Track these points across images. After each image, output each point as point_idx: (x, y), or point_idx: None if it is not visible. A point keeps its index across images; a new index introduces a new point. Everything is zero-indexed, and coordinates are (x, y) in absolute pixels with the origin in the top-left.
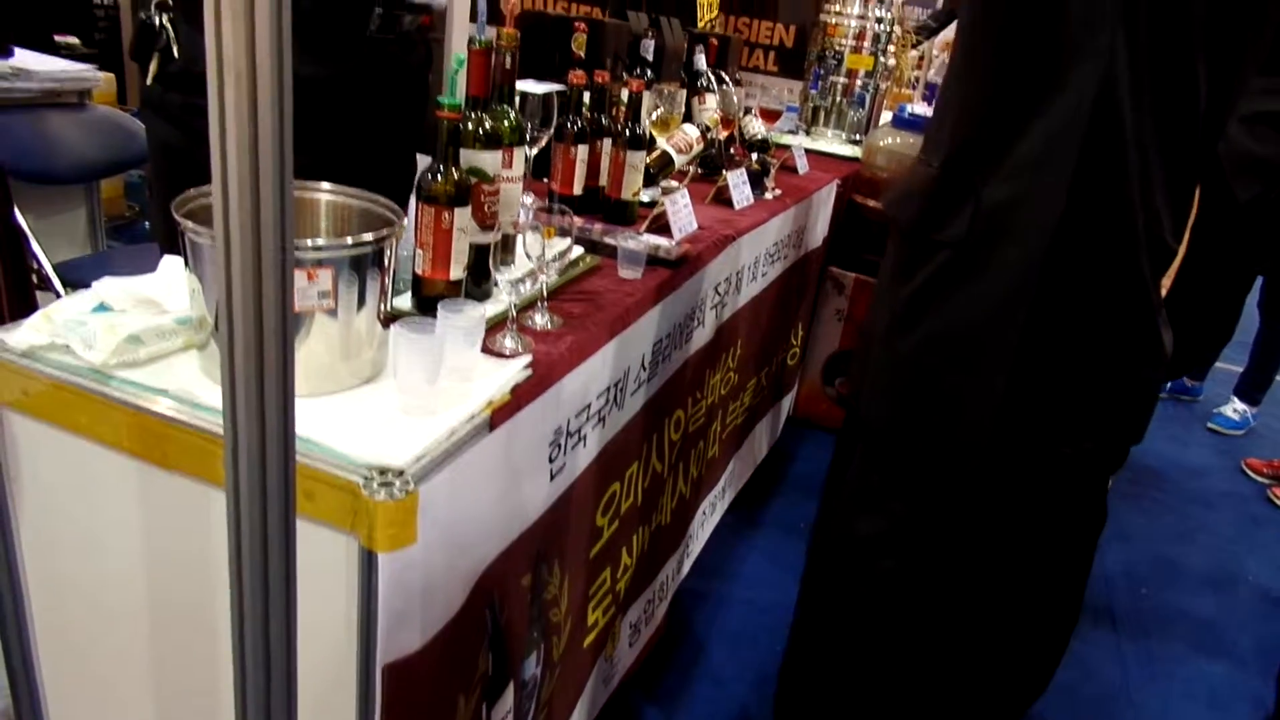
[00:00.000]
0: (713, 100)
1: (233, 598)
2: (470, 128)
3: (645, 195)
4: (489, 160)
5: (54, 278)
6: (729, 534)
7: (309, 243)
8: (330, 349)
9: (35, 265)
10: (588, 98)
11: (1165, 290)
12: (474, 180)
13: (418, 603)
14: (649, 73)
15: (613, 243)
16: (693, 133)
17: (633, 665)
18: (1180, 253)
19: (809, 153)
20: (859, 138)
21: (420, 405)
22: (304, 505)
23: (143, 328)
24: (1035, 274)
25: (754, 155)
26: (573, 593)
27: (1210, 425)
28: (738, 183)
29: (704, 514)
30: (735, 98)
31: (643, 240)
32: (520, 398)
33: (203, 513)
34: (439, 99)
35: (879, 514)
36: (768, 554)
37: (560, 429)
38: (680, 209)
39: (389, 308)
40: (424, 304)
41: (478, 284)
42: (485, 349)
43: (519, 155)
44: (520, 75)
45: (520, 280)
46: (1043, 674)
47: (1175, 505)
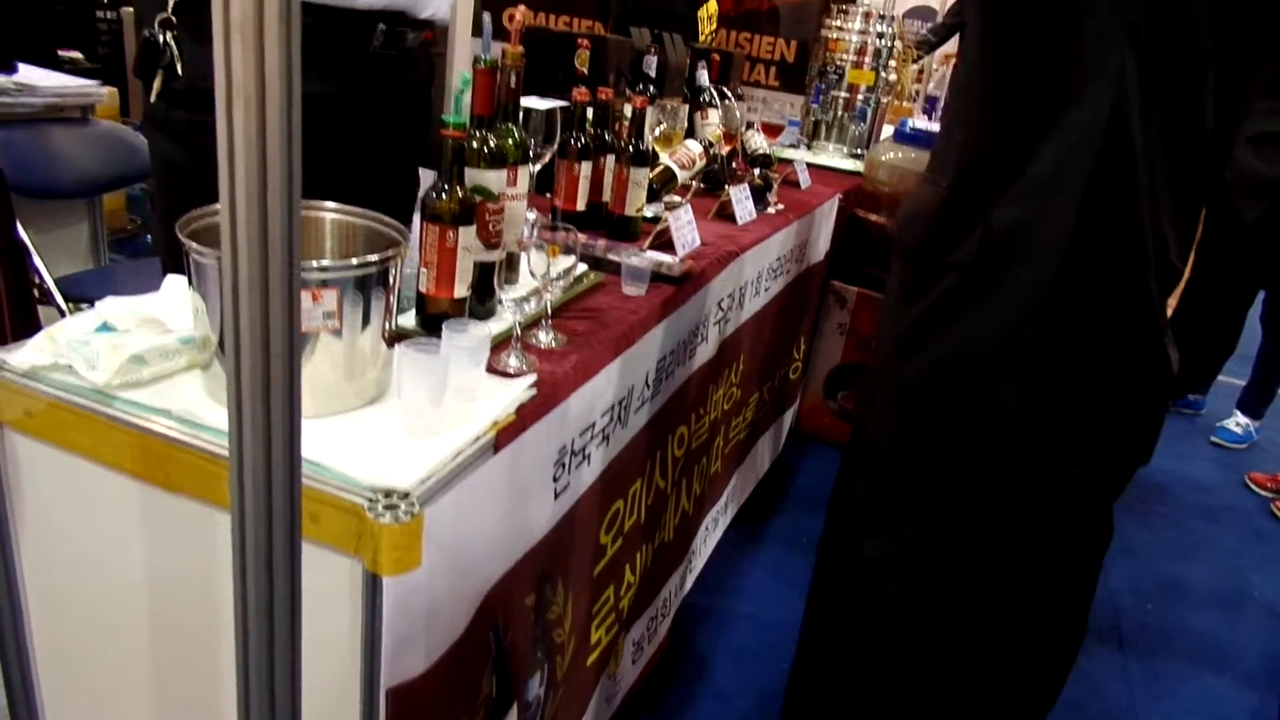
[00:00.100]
0: (715, 115)
1: (237, 622)
2: (475, 146)
3: (648, 211)
4: (494, 179)
5: (55, 292)
6: (732, 549)
7: (314, 264)
8: (335, 369)
9: (37, 279)
10: (591, 114)
11: (1171, 310)
12: (479, 199)
13: (422, 626)
14: (651, 88)
15: (616, 259)
16: (695, 148)
17: (636, 682)
18: (1185, 271)
19: (810, 167)
20: (860, 152)
21: (425, 426)
22: (308, 528)
23: (146, 348)
24: (1046, 296)
25: (756, 170)
26: (576, 611)
27: (1213, 439)
28: (740, 198)
29: (706, 530)
30: (738, 113)
31: (646, 257)
32: (525, 417)
33: (205, 534)
34: (444, 118)
35: (885, 536)
36: (771, 569)
37: (565, 448)
38: (684, 225)
39: (394, 326)
40: (428, 322)
41: (482, 302)
42: (490, 368)
43: (523, 173)
44: (524, 91)
45: (525, 299)
46: (1049, 692)
47: (1179, 520)
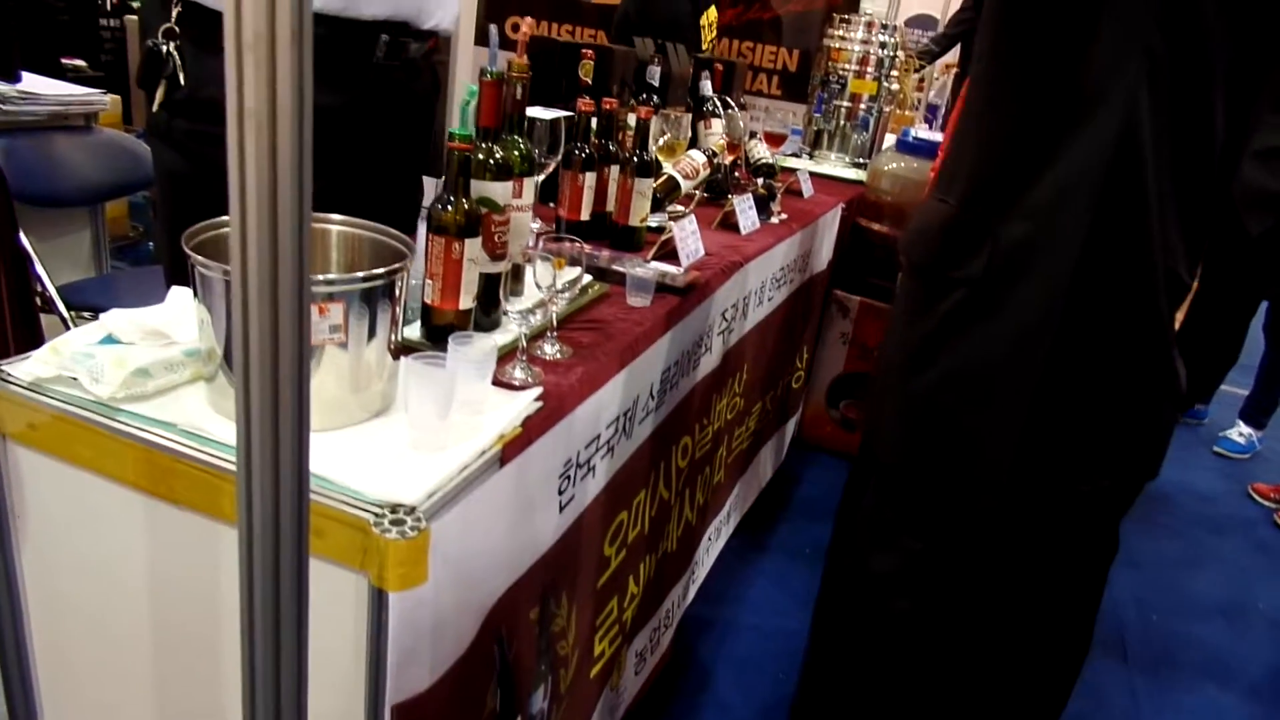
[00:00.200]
0: (719, 125)
1: (243, 637)
2: (481, 158)
3: (652, 221)
4: (499, 191)
5: (58, 300)
6: (734, 559)
7: (320, 277)
8: (340, 383)
9: (39, 287)
10: (595, 124)
11: (1178, 323)
12: (484, 210)
13: (427, 641)
14: (655, 98)
15: (621, 270)
16: (699, 158)
17: (638, 694)
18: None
19: (813, 176)
20: (863, 161)
21: (431, 440)
22: (314, 543)
23: (151, 360)
24: (1055, 312)
25: (760, 180)
26: (580, 624)
27: (1216, 449)
28: (744, 208)
29: (709, 540)
30: (741, 122)
31: (651, 268)
32: (531, 431)
33: (209, 547)
34: (451, 130)
35: (893, 550)
36: (773, 579)
37: (570, 460)
38: (688, 235)
39: (399, 339)
40: (433, 333)
41: (487, 313)
42: (495, 380)
43: (529, 185)
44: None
45: (530, 310)
46: (1055, 706)
47: (1183, 530)
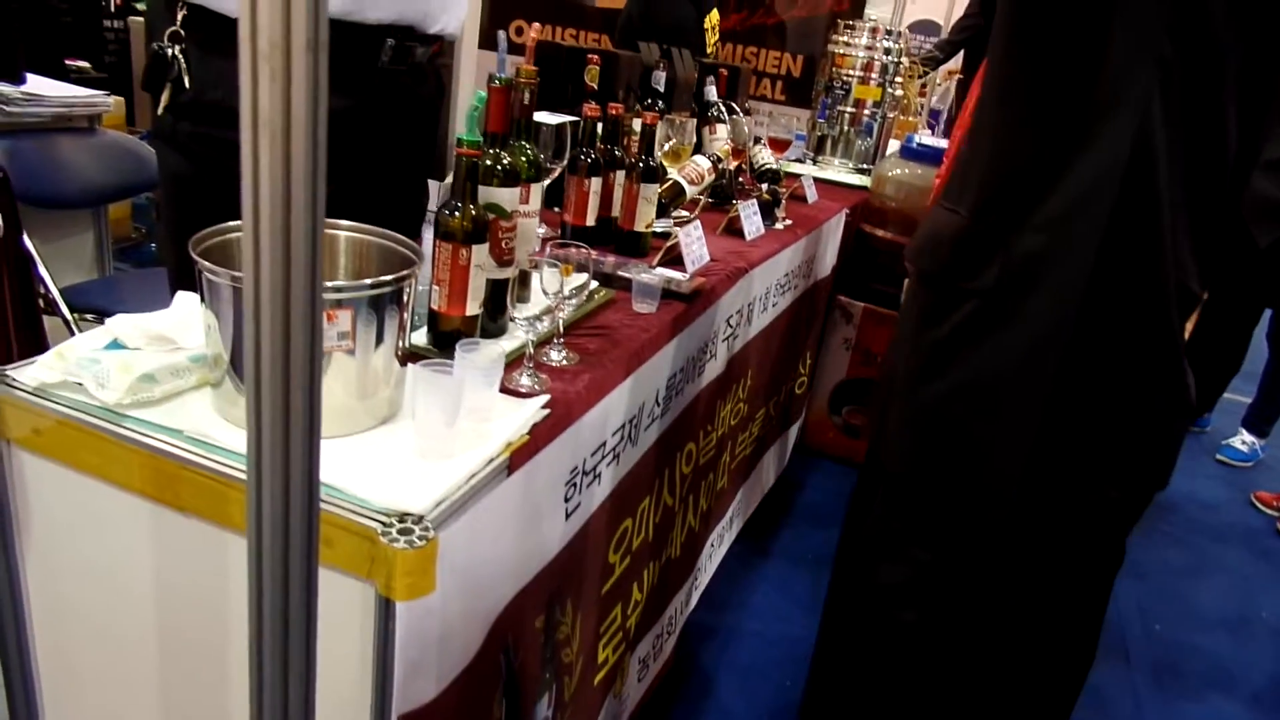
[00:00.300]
0: (723, 130)
1: (251, 647)
2: (489, 164)
3: (658, 226)
4: (507, 197)
5: (60, 302)
6: (737, 565)
7: (329, 284)
8: (348, 390)
9: (42, 289)
10: (601, 129)
11: (1187, 334)
12: (491, 216)
13: (434, 651)
14: (660, 103)
15: (627, 276)
16: (704, 164)
17: (641, 701)
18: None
19: (816, 181)
20: (866, 166)
21: (438, 448)
22: (321, 552)
23: (157, 366)
24: (1067, 324)
25: (764, 185)
26: (584, 631)
27: (1219, 457)
28: (749, 214)
29: (712, 546)
30: (746, 128)
31: (657, 274)
32: (538, 438)
33: (216, 556)
34: (459, 136)
35: (901, 561)
36: (776, 585)
37: (577, 468)
38: (693, 241)
39: (407, 344)
40: (440, 339)
41: (493, 319)
42: (502, 387)
43: (536, 190)
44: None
45: (537, 317)
46: (1059, 715)
47: (1186, 538)
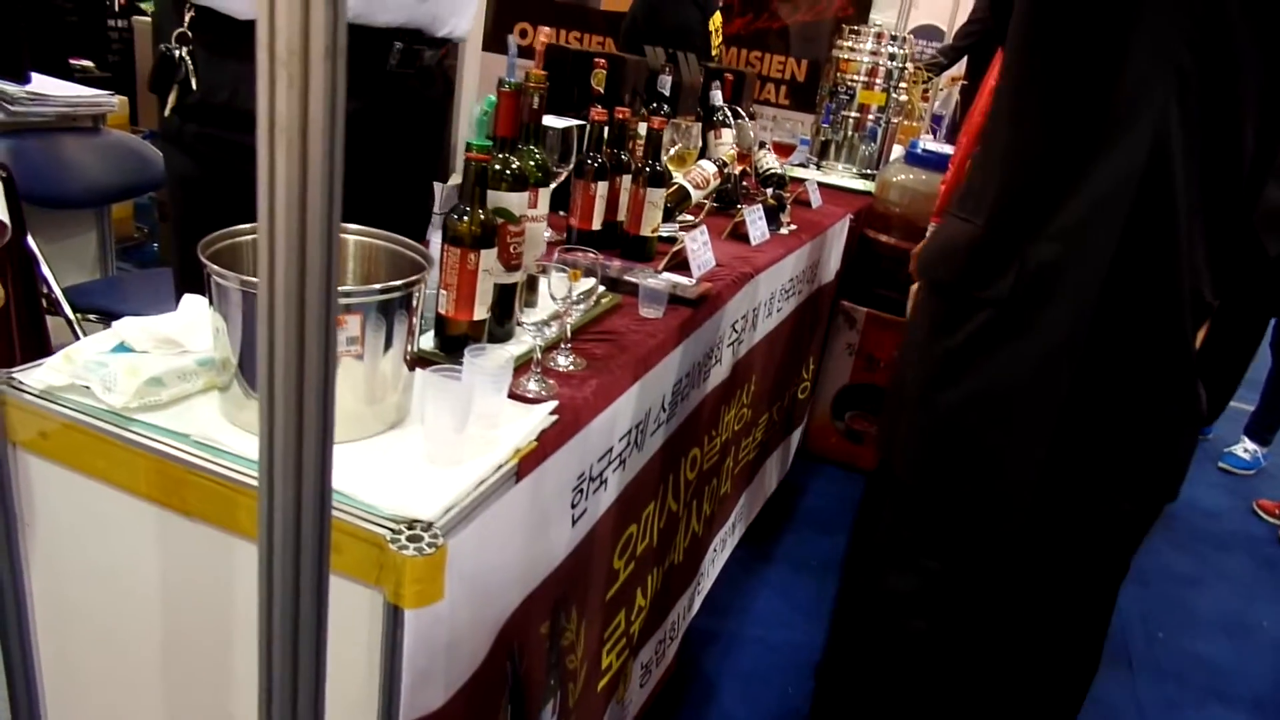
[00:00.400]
0: (729, 135)
1: (260, 656)
2: (498, 168)
3: (663, 231)
4: (516, 201)
5: (64, 302)
6: (739, 570)
7: (339, 289)
8: (356, 395)
9: (45, 289)
10: (606, 133)
11: (1198, 343)
12: (500, 221)
13: (442, 659)
14: (665, 107)
15: (633, 280)
16: (709, 168)
17: (643, 707)
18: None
19: (820, 186)
20: (870, 172)
21: (446, 454)
22: (330, 558)
23: (164, 370)
24: (1082, 334)
25: (770, 190)
26: (589, 637)
27: (1221, 464)
28: (755, 219)
29: (715, 551)
30: (751, 132)
31: (664, 279)
32: (546, 445)
33: (222, 561)
34: (468, 140)
35: (911, 570)
36: (778, 590)
37: (584, 474)
38: (699, 246)
39: (415, 349)
40: (447, 344)
41: (501, 324)
42: (510, 393)
43: (544, 195)
44: None
45: (545, 322)
46: None
47: (1188, 546)
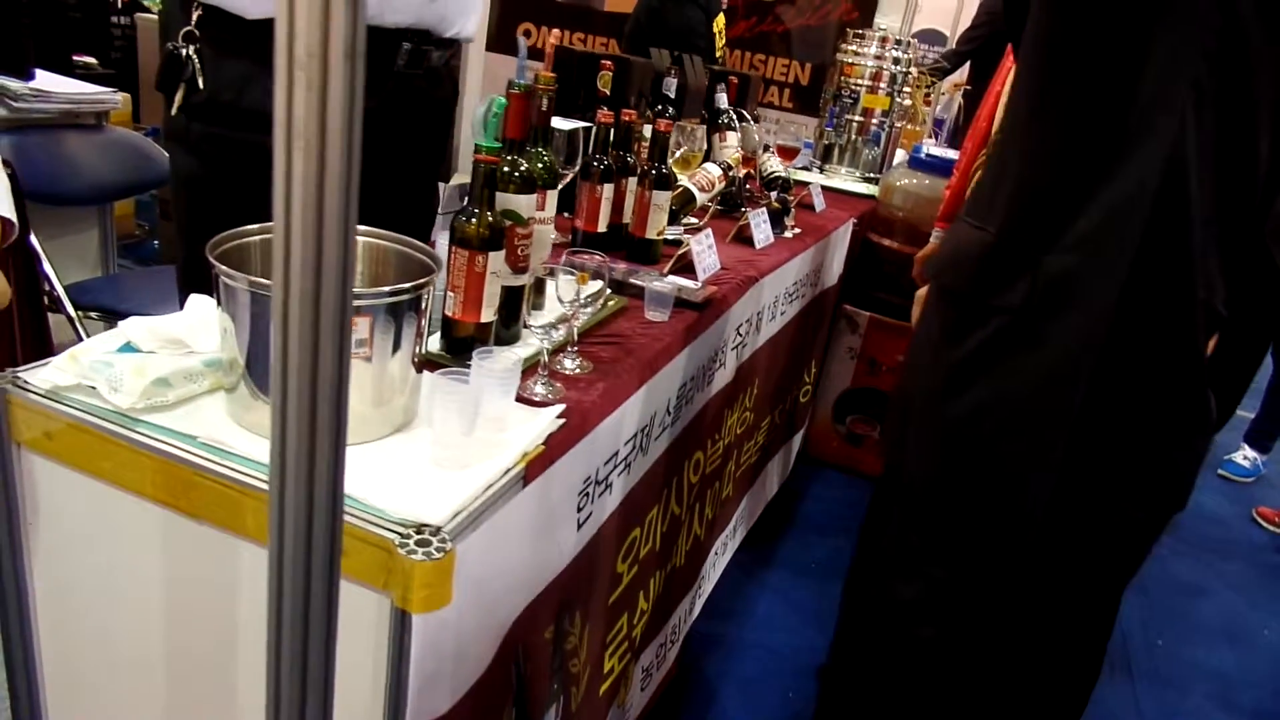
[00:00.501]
0: (734, 138)
1: (269, 659)
2: (506, 170)
3: (669, 233)
4: (524, 203)
5: (65, 299)
6: (740, 574)
7: None
8: (363, 397)
9: (47, 287)
10: (612, 135)
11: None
12: (508, 223)
13: (449, 664)
14: (670, 109)
15: (638, 283)
16: (714, 171)
17: (644, 710)
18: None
19: (823, 189)
20: (874, 176)
21: (454, 457)
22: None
23: (171, 370)
24: (1097, 343)
25: (774, 193)
26: (592, 641)
27: (1220, 472)
28: (759, 222)
29: (716, 554)
30: (755, 135)
31: (669, 282)
32: (553, 449)
33: (228, 563)
34: (477, 142)
35: (917, 578)
36: (779, 594)
37: (590, 478)
38: (705, 249)
39: (424, 351)
40: (454, 346)
41: (507, 327)
42: (517, 396)
43: (551, 197)
44: None
45: (553, 325)
46: None
47: (1188, 553)
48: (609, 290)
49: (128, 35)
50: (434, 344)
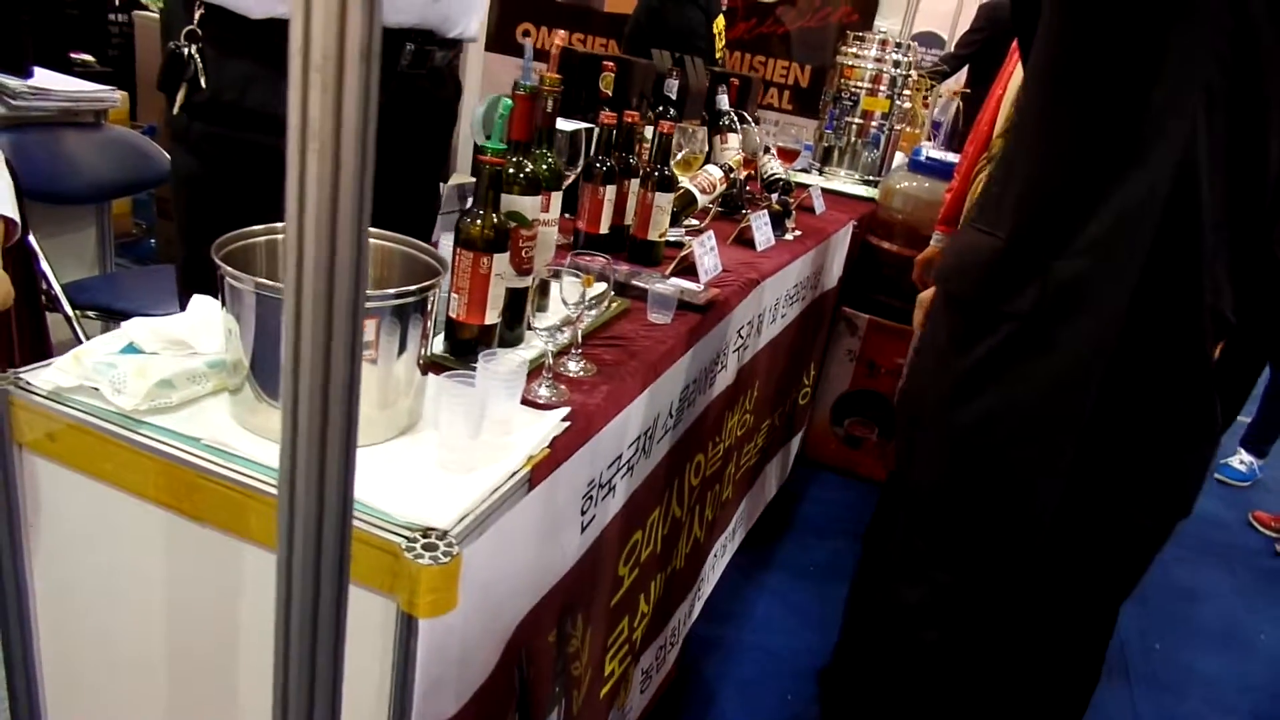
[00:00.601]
0: (735, 140)
1: (276, 664)
2: (511, 172)
3: (670, 235)
4: (529, 205)
5: (63, 299)
6: (739, 576)
7: None
8: (369, 400)
9: (44, 285)
10: (614, 136)
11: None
12: (513, 225)
13: (454, 669)
14: (672, 111)
15: (641, 285)
16: (716, 173)
17: (643, 711)
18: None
19: (823, 192)
20: (873, 178)
21: (460, 461)
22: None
23: (174, 371)
24: (1107, 349)
25: (775, 196)
26: (593, 644)
27: (1217, 476)
28: (760, 224)
29: (715, 556)
30: (756, 137)
31: (672, 284)
32: (558, 452)
33: (232, 567)
34: (483, 144)
35: (922, 582)
36: (778, 596)
37: (594, 481)
38: (707, 252)
39: (429, 353)
40: (458, 348)
41: (511, 329)
42: (521, 398)
43: (556, 198)
44: None
45: (557, 327)
46: None
47: (1184, 557)
48: (612, 292)
49: (125, 33)
50: (437, 346)
